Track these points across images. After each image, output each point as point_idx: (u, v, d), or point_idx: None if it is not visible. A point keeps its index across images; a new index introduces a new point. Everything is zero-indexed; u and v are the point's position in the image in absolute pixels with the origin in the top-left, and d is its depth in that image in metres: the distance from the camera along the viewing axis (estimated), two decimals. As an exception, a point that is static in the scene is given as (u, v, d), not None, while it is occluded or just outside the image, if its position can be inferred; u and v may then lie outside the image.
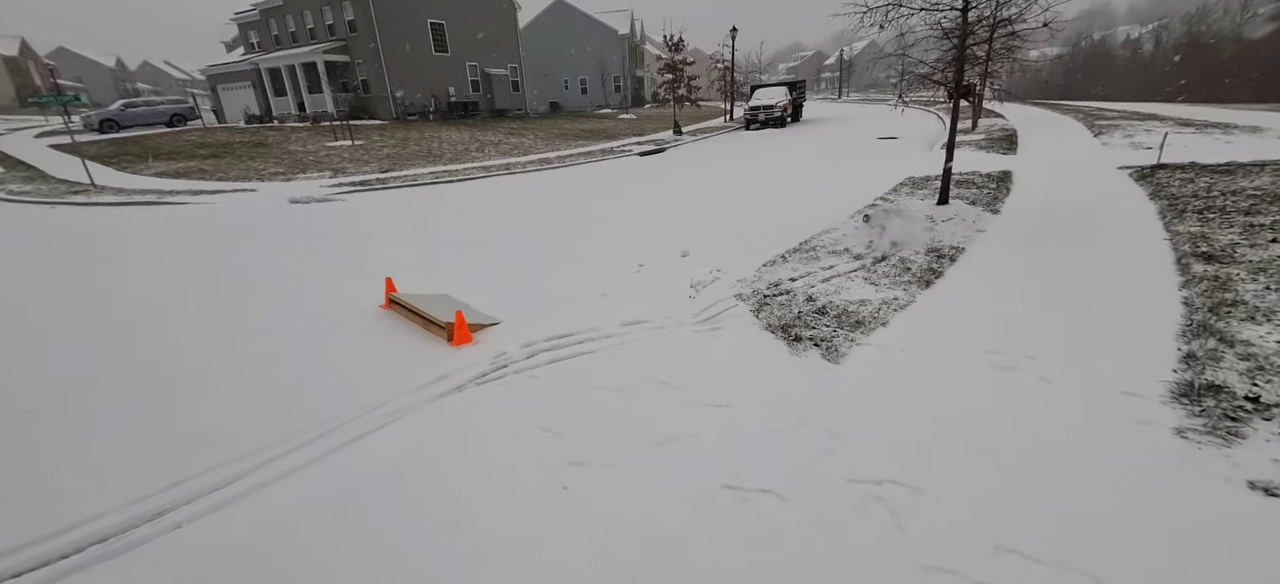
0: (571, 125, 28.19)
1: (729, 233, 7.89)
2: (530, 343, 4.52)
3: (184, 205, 11.44)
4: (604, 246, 7.52)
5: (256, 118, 30.58)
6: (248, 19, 33.55)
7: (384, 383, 3.93)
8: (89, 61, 77.03)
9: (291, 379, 4.13)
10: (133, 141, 21.47)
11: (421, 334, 4.76)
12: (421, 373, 4.05)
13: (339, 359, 4.41)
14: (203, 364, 4.41)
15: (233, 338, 4.91)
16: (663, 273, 6.32)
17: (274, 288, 6.20)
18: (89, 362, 4.49)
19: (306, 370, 4.26)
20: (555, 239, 8.04)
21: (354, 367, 4.27)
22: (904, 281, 5.08)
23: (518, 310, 5.28)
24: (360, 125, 25.21)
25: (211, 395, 3.92)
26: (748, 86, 31.41)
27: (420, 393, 3.77)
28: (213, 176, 14.61)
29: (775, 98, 25.17)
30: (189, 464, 3.09)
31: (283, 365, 4.36)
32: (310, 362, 4.39)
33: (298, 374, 4.21)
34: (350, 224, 9.64)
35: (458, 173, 14.77)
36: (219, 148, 19.41)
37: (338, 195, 12.27)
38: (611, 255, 7.07)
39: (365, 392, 3.82)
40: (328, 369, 4.26)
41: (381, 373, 4.12)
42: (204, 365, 4.39)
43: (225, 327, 5.16)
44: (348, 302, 5.57)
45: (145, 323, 5.29)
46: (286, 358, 4.47)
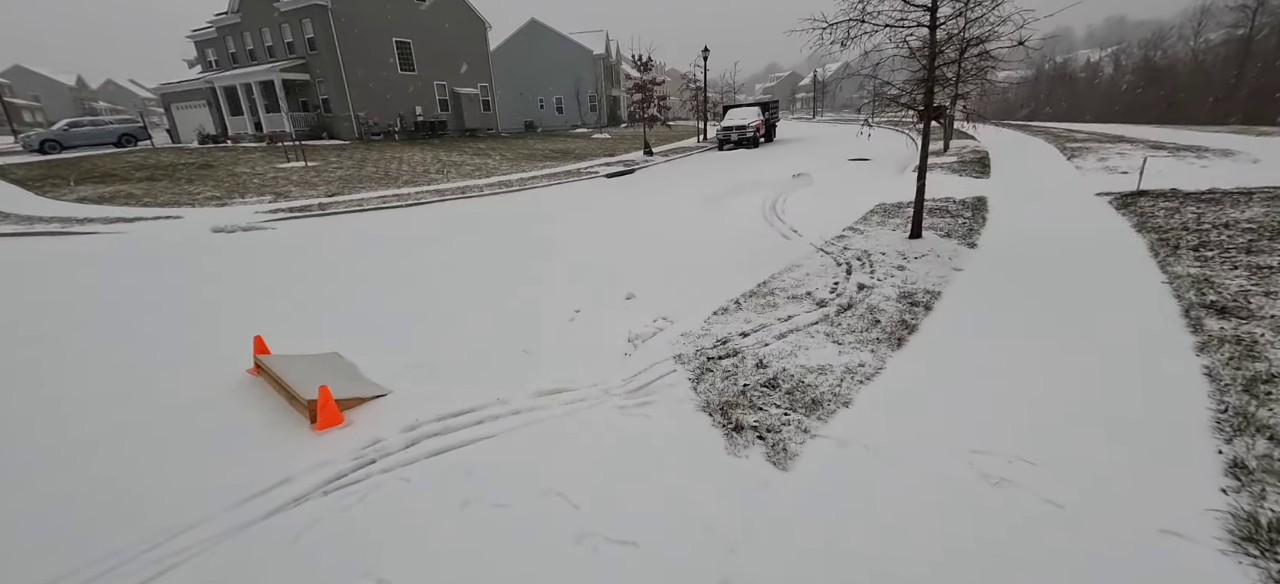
0: (542, 145, 27.46)
1: (684, 268, 7.13)
2: (415, 425, 3.64)
3: (91, 235, 10.32)
4: (543, 286, 6.69)
5: (211, 138, 29.21)
6: (205, 37, 32.31)
7: (200, 492, 3.01)
8: (47, 80, 74.40)
9: (90, 480, 3.19)
10: (70, 163, 20.08)
11: (285, 410, 3.85)
12: (260, 473, 3.14)
13: (164, 449, 3.47)
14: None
15: (51, 414, 3.94)
16: (601, 321, 5.50)
17: (134, 345, 5.21)
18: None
19: (115, 466, 3.32)
20: (489, 276, 7.18)
21: (177, 461, 3.34)
22: (872, 340, 4.33)
23: (417, 374, 4.41)
24: (319, 146, 24.12)
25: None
26: (722, 106, 31.13)
27: (241, 510, 2.86)
28: (140, 202, 13.46)
29: (748, 118, 24.81)
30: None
31: (92, 458, 3.42)
32: (126, 453, 3.45)
33: (103, 471, 3.27)
34: (267, 258, 8.65)
35: (409, 197, 13.84)
36: (159, 170, 18.19)
37: (269, 223, 11.26)
38: (549, 296, 6.24)
39: (168, 508, 2.90)
40: (142, 465, 3.32)
41: (206, 473, 3.20)
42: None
43: (48, 398, 4.18)
44: (220, 361, 4.63)
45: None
46: (99, 447, 3.53)
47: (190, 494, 3.00)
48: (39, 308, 6.44)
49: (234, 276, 7.60)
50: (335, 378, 4.05)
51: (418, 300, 6.32)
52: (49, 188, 15.27)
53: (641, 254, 7.99)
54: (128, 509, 2.94)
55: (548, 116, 46.37)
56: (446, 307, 6.09)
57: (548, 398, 3.99)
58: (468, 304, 6.15)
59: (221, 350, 4.87)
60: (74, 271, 8.00)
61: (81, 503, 3.00)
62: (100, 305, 6.44)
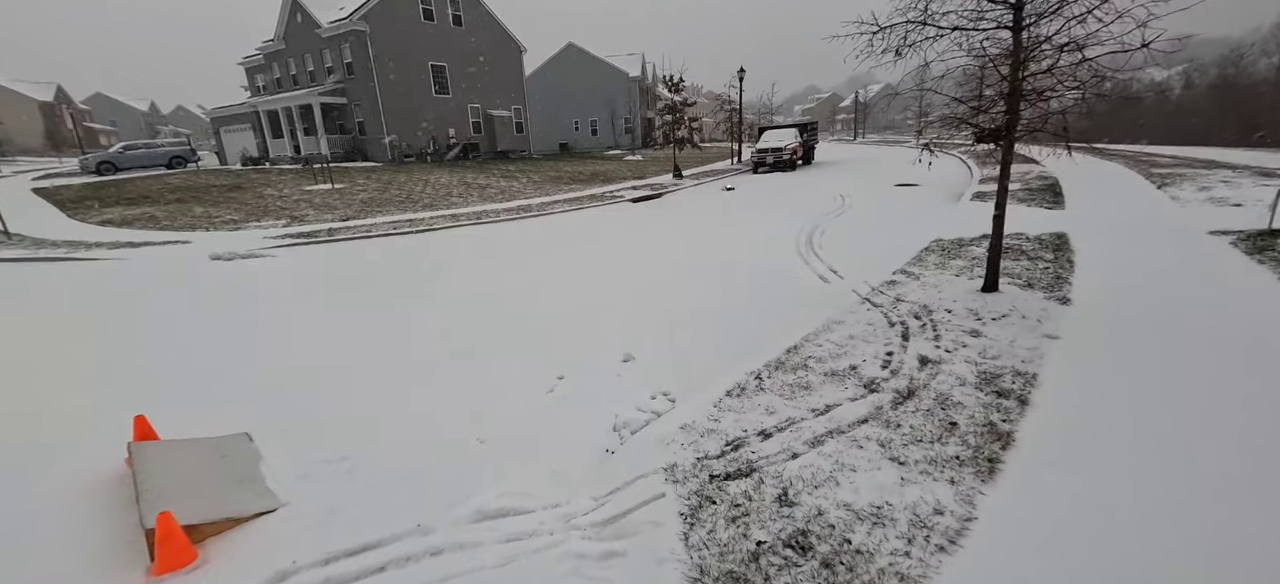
0: (572, 167, 26.86)
1: (698, 318, 5.96)
2: (290, 571, 2.59)
3: (92, 261, 9.95)
4: (527, 340, 5.63)
5: (253, 160, 29.99)
6: (253, 63, 33.50)
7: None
8: (124, 106, 79.99)
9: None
10: (117, 185, 20.59)
11: (134, 530, 2.87)
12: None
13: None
14: None
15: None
16: (587, 393, 4.39)
17: (34, 407, 4.41)
18: None
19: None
20: (468, 324, 6.19)
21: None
22: (949, 458, 3.04)
23: (329, 474, 3.38)
24: (350, 168, 24.20)
25: None
26: (757, 128, 29.95)
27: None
28: (158, 225, 13.27)
29: (784, 140, 23.53)
30: None
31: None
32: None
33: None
34: (246, 294, 7.94)
35: (422, 222, 13.18)
36: (191, 192, 18.31)
37: (272, 250, 10.70)
38: (530, 356, 5.17)
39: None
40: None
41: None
42: None
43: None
44: (114, 437, 3.72)
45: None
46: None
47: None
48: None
49: (190, 317, 6.87)
50: (209, 486, 3.06)
51: (377, 355, 5.36)
52: (81, 210, 15.40)
53: (651, 298, 6.86)
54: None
55: (582, 138, 46.20)
56: (407, 365, 5.10)
57: (485, 526, 2.89)
58: (432, 362, 5.14)
59: (123, 420, 3.98)
60: (42, 310, 7.47)
61: None
62: (35, 357, 5.76)
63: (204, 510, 2.80)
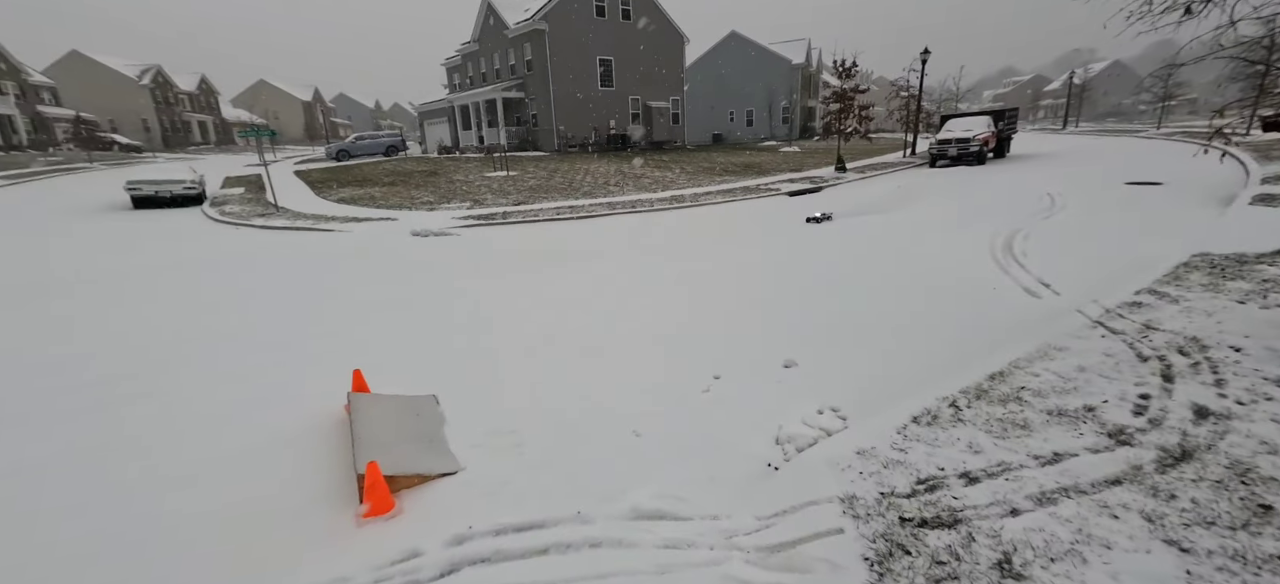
0: (725, 158, 26.42)
1: (868, 325, 5.32)
2: (466, 535, 2.74)
3: (328, 233, 12.11)
4: (682, 332, 5.51)
5: (446, 149, 34.41)
6: (453, 63, 38.30)
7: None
8: (357, 103, 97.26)
9: (94, 537, 2.91)
10: (348, 169, 25.03)
11: (347, 471, 3.28)
12: (264, 577, 2.50)
13: (198, 505, 3.08)
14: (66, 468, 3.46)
15: (158, 431, 3.98)
16: (744, 397, 4.12)
17: (269, 355, 5.37)
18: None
19: (146, 527, 2.99)
20: (623, 312, 6.24)
21: (198, 527, 2.90)
22: (1264, 558, 2.21)
23: (499, 447, 3.57)
24: (522, 157, 26.52)
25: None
26: (939, 116, 26.56)
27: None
28: (376, 203, 15.76)
29: (972, 129, 20.48)
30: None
31: (122, 504, 3.18)
32: (169, 504, 3.13)
33: (124, 528, 2.98)
34: (435, 267, 8.98)
35: (582, 209, 13.88)
36: (399, 176, 21.49)
37: (458, 229, 12.06)
38: (684, 350, 5.03)
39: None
40: (162, 521, 2.96)
41: (211, 557, 2.67)
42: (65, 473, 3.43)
43: (172, 408, 4.30)
44: (336, 386, 4.38)
45: (89, 376, 4.70)
46: (144, 486, 3.30)
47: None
48: (233, 309, 7.32)
49: (393, 283, 7.91)
50: (406, 442, 3.39)
51: (542, 333, 5.64)
52: (324, 189, 18.91)
53: (812, 299, 6.32)
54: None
55: (736, 129, 45.33)
56: (565, 348, 5.27)
57: (642, 526, 2.79)
58: (591, 346, 5.26)
59: (345, 370, 4.64)
60: (292, 271, 9.21)
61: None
62: (279, 308, 7.08)
63: (401, 464, 3.10)
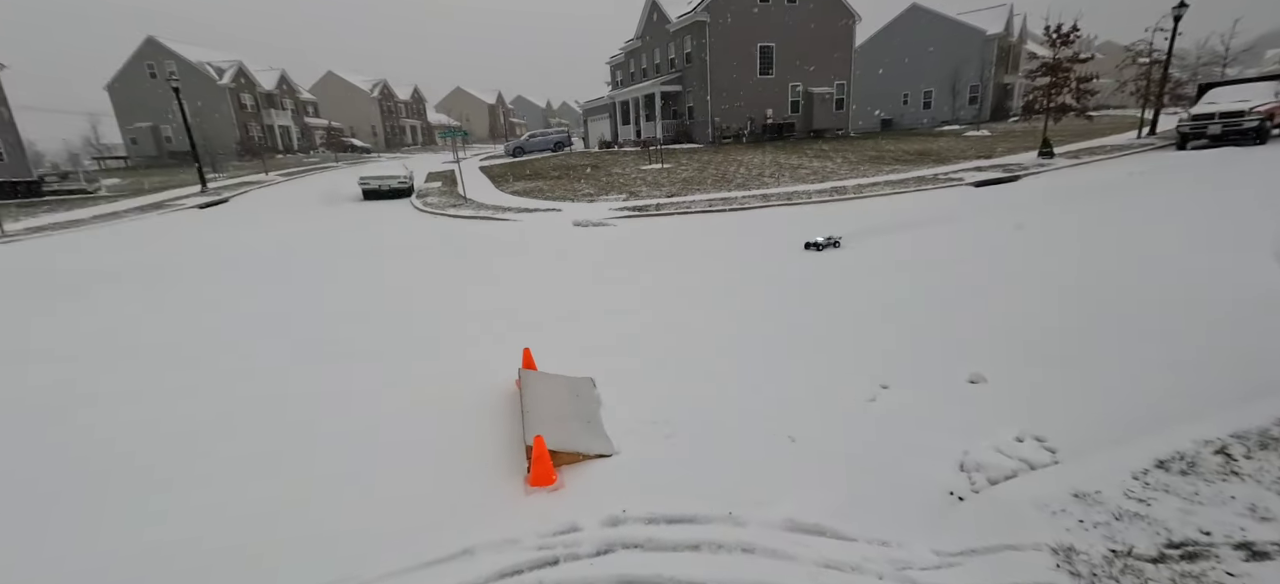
0: (895, 146, 24.00)
1: (1082, 337, 4.39)
2: (620, 518, 2.83)
3: (505, 221, 13.53)
4: (843, 332, 5.09)
5: (606, 144, 36.30)
6: (617, 61, 40.20)
7: (379, 536, 2.85)
8: (531, 104, 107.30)
9: (284, 488, 3.49)
10: (523, 164, 27.74)
11: (516, 443, 3.60)
12: (450, 529, 2.83)
13: (384, 466, 3.56)
14: (272, 422, 4.24)
15: (364, 388, 4.73)
16: (918, 414, 3.66)
17: (466, 327, 6.08)
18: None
19: (328, 479, 3.52)
20: (771, 312, 5.95)
21: (385, 483, 3.35)
22: None
23: (652, 435, 3.63)
24: (676, 150, 26.91)
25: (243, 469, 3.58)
26: (1195, 86, 21.04)
27: (401, 580, 2.54)
28: (544, 196, 17.23)
29: (1245, 99, 15.79)
30: None
31: (309, 459, 3.78)
32: (354, 461, 3.66)
33: (312, 478, 3.53)
34: (598, 254, 9.49)
35: (734, 201, 13.64)
36: (564, 169, 23.22)
37: (615, 220, 12.64)
38: (847, 353, 4.64)
39: (330, 547, 2.79)
40: (352, 481, 3.47)
41: (402, 508, 3.08)
42: (272, 425, 4.20)
43: (392, 366, 5.08)
44: (508, 363, 4.85)
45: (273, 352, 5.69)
46: (326, 450, 3.87)
47: (366, 535, 2.86)
48: (433, 274, 8.44)
49: (558, 270, 8.51)
50: (567, 420, 3.61)
51: (696, 326, 5.63)
52: (503, 183, 21.18)
53: (998, 303, 5.40)
54: (299, 537, 2.96)
55: (910, 113, 40.90)
56: (720, 340, 5.19)
57: (798, 539, 2.62)
58: (741, 344, 5.11)
59: (517, 348, 5.11)
60: (468, 254, 10.42)
61: (252, 515, 3.21)
62: (454, 283, 8.01)
63: (563, 440, 3.31)
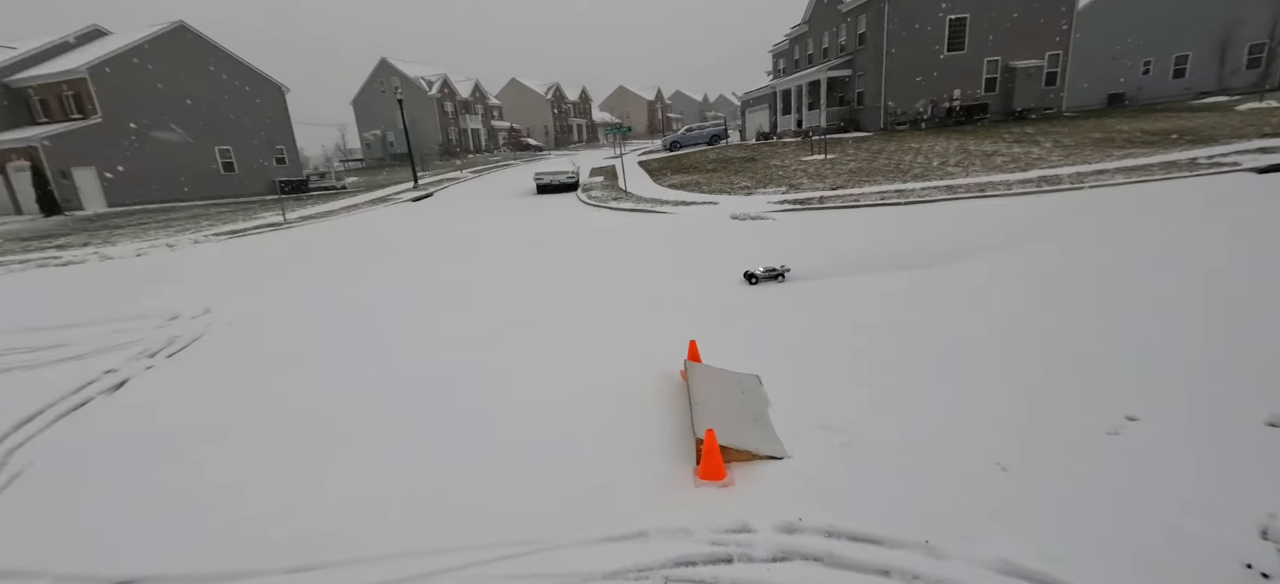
0: (1129, 124, 19.55)
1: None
2: (795, 526, 2.66)
3: (663, 214, 13.83)
4: (1060, 351, 4.21)
5: (764, 135, 35.25)
6: (780, 48, 38.79)
7: (557, 510, 3.00)
8: (688, 98, 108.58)
9: (481, 456, 3.77)
10: (679, 158, 28.22)
11: (684, 434, 3.59)
12: (625, 510, 2.91)
13: (563, 439, 3.75)
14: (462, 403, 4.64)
15: (512, 362, 5.06)
16: (1183, 455, 2.88)
17: (635, 313, 6.27)
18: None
19: (512, 449, 3.79)
20: (968, 313, 5.13)
21: (566, 459, 3.52)
22: None
23: (825, 442, 3.36)
24: (842, 138, 25.13)
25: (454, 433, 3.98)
26: None
27: (580, 553, 2.64)
28: (700, 189, 17.28)
29: None
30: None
31: (493, 431, 4.08)
32: (533, 434, 3.90)
33: (499, 450, 3.81)
34: (758, 248, 9.20)
35: (911, 194, 12.25)
36: (720, 163, 23.05)
37: (773, 213, 12.18)
38: (1079, 371, 3.84)
39: (512, 515, 2.99)
40: (533, 455, 3.68)
41: (577, 484, 3.21)
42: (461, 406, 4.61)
43: (570, 350, 5.42)
44: (667, 347, 4.92)
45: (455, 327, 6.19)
46: (510, 421, 4.16)
47: (546, 508, 3.03)
48: (602, 264, 8.86)
49: (719, 263, 8.39)
50: (735, 416, 3.50)
51: (864, 324, 5.12)
52: (659, 176, 21.71)
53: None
54: (489, 500, 3.22)
55: (1152, 84, 33.03)
56: (914, 345, 4.65)
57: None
58: (922, 348, 4.51)
59: (680, 340, 5.15)
60: (632, 239, 10.76)
61: (438, 486, 3.52)
62: (620, 270, 8.27)
63: (733, 437, 3.21)
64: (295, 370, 5.33)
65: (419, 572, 2.55)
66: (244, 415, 4.41)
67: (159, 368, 5.57)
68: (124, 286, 10.05)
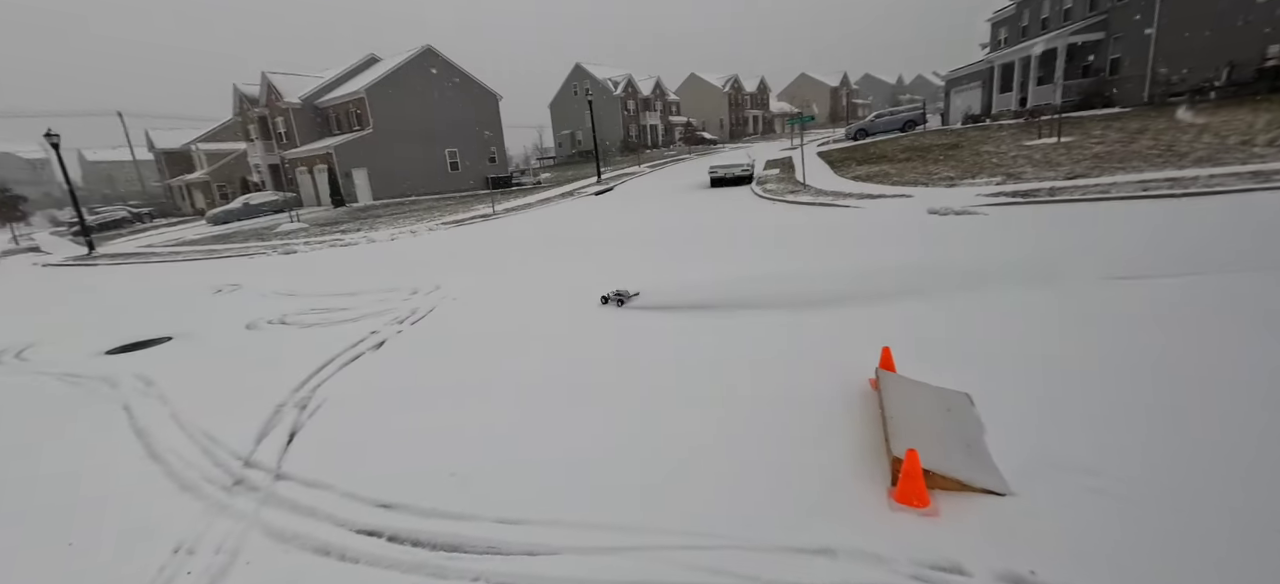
0: None
1: None
2: (1024, 579, 2.22)
3: (844, 208, 12.82)
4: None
5: (973, 118, 30.64)
6: (1003, 16, 33.28)
7: (746, 513, 2.90)
8: (879, 81, 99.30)
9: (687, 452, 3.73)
10: (865, 147, 25.99)
11: (875, 448, 3.25)
12: (810, 521, 2.73)
13: (747, 438, 3.62)
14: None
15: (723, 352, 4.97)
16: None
17: (818, 316, 5.89)
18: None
19: (703, 449, 3.73)
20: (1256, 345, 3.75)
21: (747, 459, 3.39)
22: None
23: (1068, 488, 2.75)
24: (1083, 117, 20.67)
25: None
26: None
27: (759, 559, 2.53)
28: (889, 180, 15.68)
29: None
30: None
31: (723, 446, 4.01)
32: (725, 433, 3.82)
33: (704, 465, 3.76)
34: (966, 246, 7.98)
35: (1190, 184, 9.51)
36: (915, 151, 20.63)
37: (983, 207, 10.50)
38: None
39: (693, 510, 2.94)
40: (721, 451, 3.58)
41: (763, 485, 3.07)
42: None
43: (760, 339, 5.29)
44: (861, 356, 4.52)
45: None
46: (738, 439, 4.08)
47: (722, 502, 2.94)
48: (790, 257, 8.48)
49: (911, 263, 7.45)
50: (942, 438, 3.06)
51: (1112, 342, 4.08)
52: (841, 168, 20.21)
53: None
54: (668, 484, 3.21)
55: None
56: (1164, 372, 3.61)
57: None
58: (1198, 379, 3.42)
59: (869, 345, 4.71)
60: (814, 235, 10.13)
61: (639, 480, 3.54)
62: (805, 266, 7.78)
63: (937, 461, 2.82)
64: (506, 343, 6.10)
65: (601, 544, 2.71)
66: (467, 377, 5.17)
67: (406, 333, 6.82)
68: (383, 264, 12.58)
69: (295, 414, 4.60)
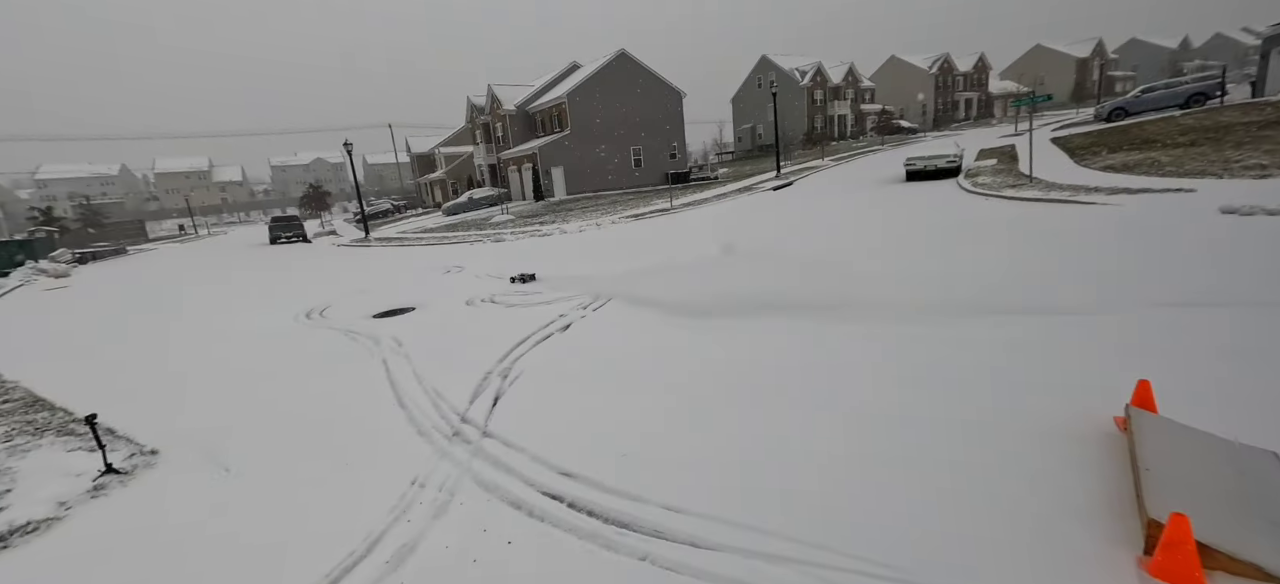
0: None
1: None
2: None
3: (1086, 205, 10.46)
4: None
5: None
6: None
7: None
8: (1151, 45, 78.62)
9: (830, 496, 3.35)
10: (1123, 130, 20.94)
11: (1127, 505, 2.60)
12: (1011, 577, 2.30)
13: (948, 461, 3.13)
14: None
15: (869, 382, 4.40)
16: None
17: (1038, 330, 4.92)
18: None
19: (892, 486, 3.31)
20: None
21: (942, 475, 2.94)
22: None
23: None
24: None
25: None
26: None
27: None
28: (1161, 171, 12.39)
29: None
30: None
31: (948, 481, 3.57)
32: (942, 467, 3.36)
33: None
34: (1258, 254, 5.94)
35: None
36: (1203, 133, 15.98)
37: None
38: None
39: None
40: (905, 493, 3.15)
41: (949, 526, 2.65)
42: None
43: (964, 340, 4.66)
44: (1101, 387, 3.67)
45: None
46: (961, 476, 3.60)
47: (915, 532, 2.59)
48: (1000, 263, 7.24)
49: (1185, 280, 5.73)
50: (1233, 506, 2.33)
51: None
52: (1087, 157, 16.53)
53: None
54: (855, 504, 2.89)
55: None
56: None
57: None
58: None
59: (1114, 374, 3.80)
60: (1036, 238, 8.44)
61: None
62: (1014, 274, 6.52)
63: (1227, 537, 2.15)
64: (682, 333, 6.29)
65: (768, 550, 2.63)
66: (638, 365, 5.46)
67: (588, 318, 7.43)
68: (571, 253, 13.89)
69: (499, 382, 5.33)
